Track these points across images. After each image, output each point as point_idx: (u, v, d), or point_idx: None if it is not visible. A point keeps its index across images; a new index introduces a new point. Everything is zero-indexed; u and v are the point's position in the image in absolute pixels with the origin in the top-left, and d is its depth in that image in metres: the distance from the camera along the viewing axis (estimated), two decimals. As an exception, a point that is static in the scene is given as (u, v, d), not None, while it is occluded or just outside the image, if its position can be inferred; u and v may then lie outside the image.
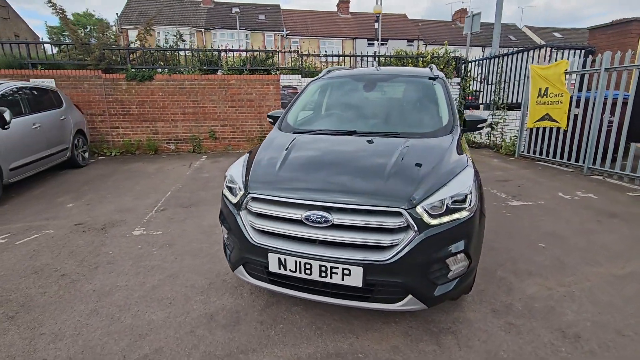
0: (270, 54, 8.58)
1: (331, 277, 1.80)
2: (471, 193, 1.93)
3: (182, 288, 2.60)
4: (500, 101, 7.96)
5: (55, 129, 5.90)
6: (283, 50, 8.56)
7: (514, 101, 7.72)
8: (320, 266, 1.80)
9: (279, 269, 1.90)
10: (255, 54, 8.51)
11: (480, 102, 9.03)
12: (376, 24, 15.86)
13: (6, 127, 4.70)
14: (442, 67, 8.89)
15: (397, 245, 1.75)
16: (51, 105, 6.04)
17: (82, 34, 7.65)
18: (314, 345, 2.01)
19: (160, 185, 5.44)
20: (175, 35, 8.47)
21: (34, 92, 5.76)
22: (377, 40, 15.36)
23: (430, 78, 3.17)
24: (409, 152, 2.19)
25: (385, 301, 1.83)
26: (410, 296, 1.80)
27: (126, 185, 5.45)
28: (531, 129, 6.90)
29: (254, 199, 2.00)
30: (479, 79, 8.97)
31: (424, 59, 8.86)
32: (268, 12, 28.26)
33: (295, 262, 1.85)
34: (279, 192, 1.94)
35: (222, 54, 8.41)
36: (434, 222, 1.78)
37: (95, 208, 4.40)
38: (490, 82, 8.49)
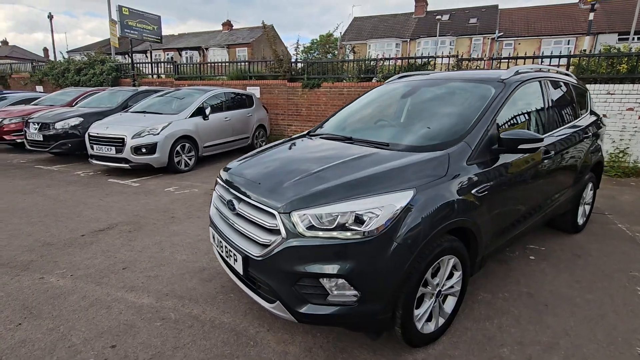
0: (427, 60, 8.28)
1: (229, 259, 2.03)
2: (377, 216, 1.64)
3: (212, 245, 3.35)
4: None
5: (240, 122, 8.13)
6: (441, 56, 8.05)
7: None
8: (225, 246, 2.06)
9: (213, 240, 2.28)
10: (411, 60, 8.45)
11: None
12: (591, 15, 11.80)
13: (206, 118, 7.01)
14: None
15: (269, 245, 1.77)
16: (243, 105, 8.35)
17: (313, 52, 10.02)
18: (232, 318, 2.27)
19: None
20: (347, 49, 9.56)
21: (234, 95, 8.16)
22: (583, 35, 11.52)
23: (498, 81, 2.53)
24: (352, 161, 2.02)
25: (264, 298, 1.87)
26: (278, 302, 1.77)
27: (267, 170, 6.91)
28: None
29: (219, 181, 2.44)
30: None
31: (651, 56, 6.12)
32: (482, 14, 25.98)
33: (216, 237, 2.18)
34: (227, 177, 2.29)
35: (379, 62, 8.85)
36: (308, 233, 1.68)
37: (233, 181, 5.92)
38: None
